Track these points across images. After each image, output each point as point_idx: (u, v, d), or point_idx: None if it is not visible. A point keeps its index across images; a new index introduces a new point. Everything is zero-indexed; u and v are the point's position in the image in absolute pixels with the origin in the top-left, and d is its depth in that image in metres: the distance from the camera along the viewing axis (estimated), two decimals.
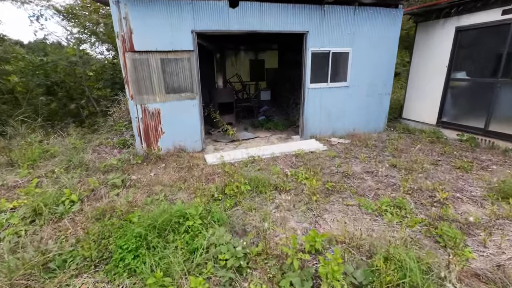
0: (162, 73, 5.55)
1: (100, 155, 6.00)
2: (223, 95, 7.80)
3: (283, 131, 8.04)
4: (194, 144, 6.18)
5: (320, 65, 6.62)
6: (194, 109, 5.94)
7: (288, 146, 6.35)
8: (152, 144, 5.84)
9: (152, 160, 5.54)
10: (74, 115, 11.51)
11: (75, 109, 11.37)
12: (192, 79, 5.77)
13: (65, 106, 11.59)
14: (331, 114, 7.05)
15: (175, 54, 5.52)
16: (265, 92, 10.43)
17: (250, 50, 10.49)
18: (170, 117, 5.83)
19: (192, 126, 6.04)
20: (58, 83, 10.87)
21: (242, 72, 10.61)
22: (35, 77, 10.31)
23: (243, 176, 4.37)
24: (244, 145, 6.82)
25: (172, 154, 5.82)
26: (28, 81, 10.25)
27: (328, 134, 7.18)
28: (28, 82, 10.28)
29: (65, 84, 11.05)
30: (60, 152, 6.00)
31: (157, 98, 5.65)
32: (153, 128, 5.77)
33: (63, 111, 11.14)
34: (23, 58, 10.56)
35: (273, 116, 9.48)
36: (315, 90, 6.72)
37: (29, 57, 10.47)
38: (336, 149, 6.24)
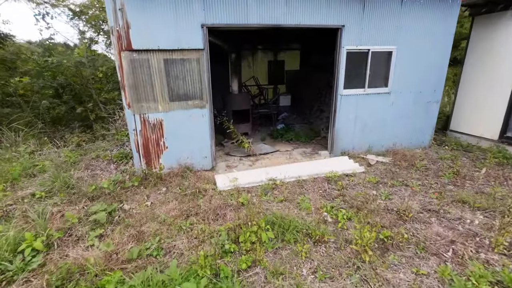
0: (166, 76, 4.58)
1: (93, 172, 5.11)
2: (238, 101, 6.77)
3: (307, 144, 6.90)
4: (203, 161, 5.17)
5: (356, 67, 5.45)
6: (204, 119, 4.94)
7: (316, 166, 5.21)
8: (153, 161, 4.88)
9: (151, 181, 4.57)
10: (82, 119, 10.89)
11: (82, 113, 10.74)
12: (201, 84, 4.77)
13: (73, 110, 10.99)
14: (367, 126, 5.85)
15: (182, 54, 4.54)
16: (284, 97, 9.33)
17: (269, 50, 9.43)
18: (174, 129, 4.86)
19: (200, 140, 5.04)
20: (64, 85, 10.25)
21: (259, 75, 9.55)
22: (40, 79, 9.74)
23: (263, 212, 3.30)
24: (261, 162, 5.74)
25: (177, 173, 4.83)
26: (33, 83, 9.68)
27: (363, 150, 5.98)
28: (33, 84, 9.72)
29: (72, 86, 10.42)
30: (50, 167, 5.17)
31: (159, 107, 4.69)
32: (154, 142, 4.81)
33: (70, 115, 10.51)
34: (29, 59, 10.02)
35: (294, 124, 8.35)
36: (349, 97, 5.54)
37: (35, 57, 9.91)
38: (376, 170, 5.04)
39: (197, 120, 4.92)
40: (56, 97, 10.42)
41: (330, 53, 6.83)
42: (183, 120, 4.86)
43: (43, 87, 9.65)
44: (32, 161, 5.39)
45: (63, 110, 10.33)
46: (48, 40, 10.30)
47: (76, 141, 7.38)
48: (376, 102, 5.73)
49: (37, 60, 9.84)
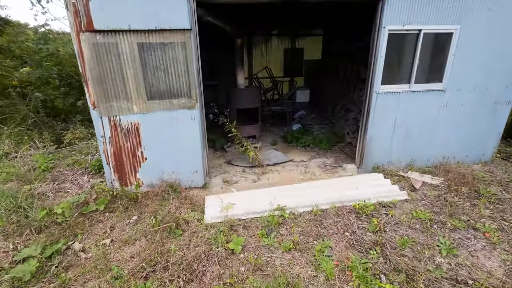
0: (141, 67, 3.45)
1: (60, 186, 4.17)
2: (244, 98, 5.55)
3: (327, 152, 5.57)
4: (193, 176, 4.05)
5: (400, 55, 4.02)
6: (193, 124, 3.79)
7: (340, 186, 3.92)
8: (128, 176, 3.83)
9: (122, 204, 3.53)
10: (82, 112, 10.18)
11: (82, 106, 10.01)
12: (188, 78, 3.59)
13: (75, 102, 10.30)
14: (410, 134, 4.43)
15: (162, 36, 3.37)
16: (302, 91, 7.97)
17: (285, 36, 8.04)
18: (155, 135, 3.75)
19: (189, 150, 3.91)
20: (63, 76, 9.52)
21: (274, 65, 8.23)
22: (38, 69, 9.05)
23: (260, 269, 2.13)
24: (269, 176, 4.54)
25: (157, 193, 3.75)
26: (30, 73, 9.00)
27: (402, 165, 4.58)
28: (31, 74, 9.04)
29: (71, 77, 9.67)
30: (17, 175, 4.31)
31: (134, 107, 3.58)
32: (129, 152, 3.74)
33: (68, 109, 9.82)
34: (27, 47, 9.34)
35: (312, 125, 7.01)
36: (389, 96, 4.14)
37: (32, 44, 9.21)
38: (424, 198, 3.68)
39: (185, 125, 3.78)
40: (55, 88, 9.75)
41: (362, 38, 5.38)
42: (166, 124, 3.74)
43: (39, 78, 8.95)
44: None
45: (61, 103, 9.64)
46: (44, 26, 9.54)
47: (69, 139, 6.57)
48: (424, 102, 4.28)
49: (33, 48, 9.13)
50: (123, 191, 3.65)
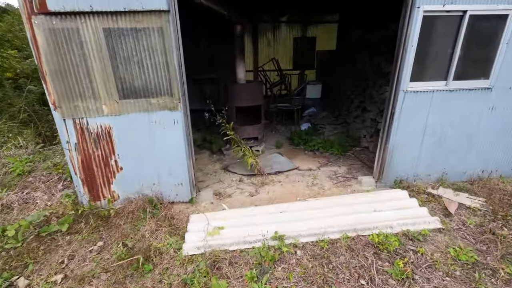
0: (110, 59, 2.80)
1: (30, 195, 3.65)
2: (244, 94, 4.83)
3: (340, 158, 4.81)
4: (177, 189, 3.43)
5: (436, 44, 3.18)
6: (176, 128, 3.13)
7: (355, 207, 3.19)
8: (101, 188, 3.25)
9: (90, 224, 2.96)
10: None
11: None
12: (168, 72, 2.92)
13: None
14: (444, 141, 3.61)
15: (133, 20, 2.69)
16: (313, 86, 7.15)
17: (296, 23, 7.18)
18: (131, 141, 3.13)
19: (172, 159, 3.27)
20: None
21: (282, 56, 7.42)
22: None
23: None
24: (269, 189, 3.86)
25: (133, 210, 3.16)
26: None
27: (431, 178, 3.78)
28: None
29: None
30: None
31: (104, 108, 2.96)
32: (101, 161, 3.15)
33: None
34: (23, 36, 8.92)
35: (323, 125, 6.22)
36: (419, 96, 3.33)
37: None
38: (462, 227, 2.90)
39: (166, 129, 3.13)
40: None
41: (384, 25, 4.52)
42: (144, 129, 3.10)
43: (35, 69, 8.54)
44: None
45: None
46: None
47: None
48: (464, 104, 3.43)
49: None
50: (91, 207, 3.08)
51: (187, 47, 7.03)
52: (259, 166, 4.22)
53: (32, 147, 5.07)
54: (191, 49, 6.94)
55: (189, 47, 7.14)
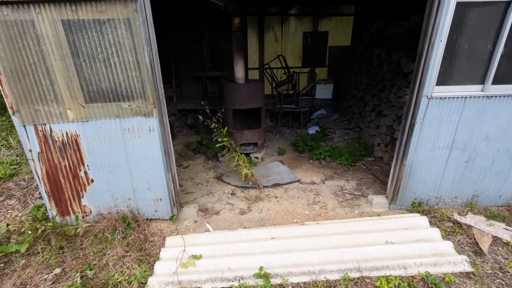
0: (72, 56, 2.39)
1: (1, 204, 3.37)
2: (243, 95, 4.33)
3: (349, 170, 4.23)
4: (156, 205, 3.02)
5: (471, 39, 2.54)
6: (152, 137, 2.70)
7: (361, 238, 2.64)
8: (70, 202, 2.89)
9: (52, 245, 2.61)
10: None
11: None
12: (139, 71, 2.48)
13: None
14: (476, 158, 2.97)
15: (96, 10, 2.26)
16: (323, 86, 6.53)
17: (306, 16, 6.55)
18: (102, 151, 2.74)
19: (149, 171, 2.85)
20: None
21: (290, 53, 6.83)
22: None
23: None
24: (263, 206, 3.37)
25: (103, 229, 2.78)
26: None
27: (458, 202, 3.15)
28: None
29: None
30: None
31: (69, 113, 2.57)
32: (68, 172, 2.78)
33: None
34: None
35: (333, 129, 5.62)
36: (447, 103, 2.70)
37: None
38: (498, 271, 2.29)
39: (141, 138, 2.71)
40: None
41: (405, 17, 3.88)
42: (116, 137, 2.70)
43: None
44: None
45: None
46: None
47: None
48: (505, 114, 2.77)
49: None
50: (54, 225, 2.72)
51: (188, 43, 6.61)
52: (254, 178, 3.74)
53: (20, 149, 4.85)
54: (193, 45, 6.52)
55: (192, 43, 6.77)
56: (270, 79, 6.35)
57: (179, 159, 4.82)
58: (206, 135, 5.61)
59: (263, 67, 6.57)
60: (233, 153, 3.81)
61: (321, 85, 6.49)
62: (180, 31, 6.31)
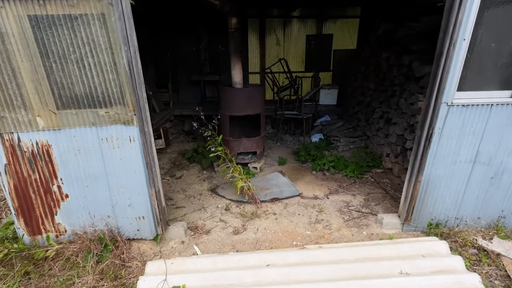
0: (41, 57, 2.11)
1: None
2: (240, 101, 4.02)
3: (356, 182, 3.87)
4: (139, 224, 2.69)
5: (501, 37, 2.19)
6: (132, 147, 2.40)
7: (370, 268, 2.27)
8: (41, 220, 2.58)
9: (15, 271, 2.29)
10: None
11: None
12: (118, 74, 2.18)
13: None
14: (503, 174, 2.59)
15: (65, 4, 1.98)
16: (327, 91, 6.20)
17: (310, 18, 6.27)
18: (77, 163, 2.44)
19: (130, 186, 2.54)
20: None
21: (293, 57, 6.55)
22: None
23: None
24: (259, 224, 3.02)
25: (76, 251, 2.46)
26: None
27: (482, 223, 2.76)
28: None
29: None
30: None
31: (39, 120, 2.28)
32: (39, 186, 2.48)
33: None
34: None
35: (338, 137, 5.26)
36: (471, 111, 2.35)
37: None
38: None
39: (120, 149, 2.40)
40: None
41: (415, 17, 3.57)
42: (92, 148, 2.39)
43: None
44: None
45: None
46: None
47: None
48: None
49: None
50: (20, 247, 2.41)
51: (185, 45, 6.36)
52: (251, 192, 3.40)
53: None
54: (191, 48, 6.28)
55: (189, 45, 6.53)
56: (271, 84, 6.06)
57: (172, 169, 4.51)
58: (203, 142, 5.30)
59: (264, 72, 6.28)
60: (229, 163, 3.49)
61: (325, 90, 6.16)
62: (177, 33, 6.08)
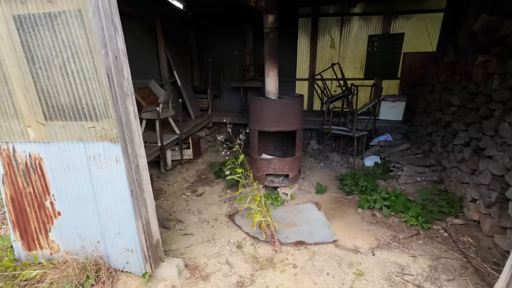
0: (27, 62, 1.87)
1: None
2: (271, 114, 3.36)
3: (419, 233, 2.79)
4: (127, 256, 2.30)
5: None
6: (118, 169, 2.00)
7: None
8: (36, 235, 2.42)
9: None
10: None
11: None
12: (99, 82, 1.80)
13: None
14: None
15: (45, 1, 1.68)
16: (391, 104, 5.03)
17: (374, 15, 5.20)
18: (67, 180, 2.18)
19: (118, 212, 2.16)
20: None
21: (349, 61, 5.55)
22: None
23: None
24: (273, 277, 2.31)
25: (58, 279, 2.19)
26: None
27: None
28: None
29: None
30: None
31: (30, 131, 2.08)
32: (33, 200, 2.31)
33: None
34: None
35: (400, 164, 4.12)
36: None
37: None
38: None
39: (108, 169, 2.04)
40: None
41: None
42: (80, 165, 2.10)
43: None
44: None
45: None
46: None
47: None
48: None
49: None
50: (6, 264, 2.25)
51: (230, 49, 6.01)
52: (270, 230, 2.72)
53: None
54: (234, 52, 5.90)
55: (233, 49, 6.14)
56: (320, 93, 5.21)
57: (196, 183, 4.14)
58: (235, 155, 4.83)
59: (313, 78, 5.48)
60: (247, 189, 2.87)
61: (388, 102, 5.01)
62: (223, 37, 5.78)
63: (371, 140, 4.90)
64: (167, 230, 3.01)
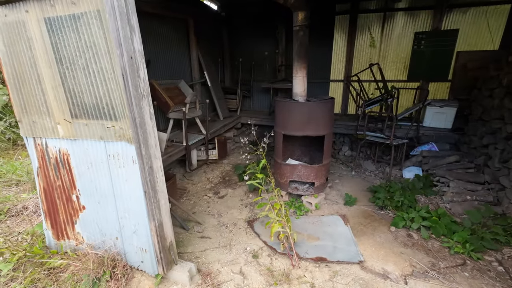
0: (56, 62, 1.96)
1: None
2: (297, 118, 3.15)
3: (466, 265, 2.36)
4: (142, 255, 2.31)
5: None
6: (134, 169, 2.00)
7: None
8: (64, 226, 2.56)
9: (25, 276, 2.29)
10: None
11: None
12: (116, 82, 1.80)
13: None
14: None
15: (69, 2, 1.73)
16: (438, 109, 4.45)
17: (422, 9, 4.65)
18: (90, 176, 2.26)
19: (134, 211, 2.18)
20: None
21: (391, 61, 5.05)
22: None
23: None
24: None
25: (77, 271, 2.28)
26: None
27: None
28: None
29: None
30: None
31: (59, 128, 2.19)
32: (62, 193, 2.44)
33: None
34: None
35: (446, 178, 3.60)
36: None
37: None
38: None
39: (125, 168, 2.06)
40: None
41: None
42: (101, 163, 2.15)
43: None
44: None
45: None
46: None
47: None
48: None
49: None
50: (35, 251, 2.41)
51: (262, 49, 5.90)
52: (289, 243, 2.54)
53: None
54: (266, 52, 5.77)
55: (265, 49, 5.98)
56: (355, 96, 4.83)
57: (219, 185, 4.10)
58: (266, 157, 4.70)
59: (348, 80, 5.10)
60: (267, 197, 2.72)
61: (434, 107, 4.44)
62: (255, 37, 5.69)
63: (412, 149, 4.39)
64: (185, 231, 3.00)
